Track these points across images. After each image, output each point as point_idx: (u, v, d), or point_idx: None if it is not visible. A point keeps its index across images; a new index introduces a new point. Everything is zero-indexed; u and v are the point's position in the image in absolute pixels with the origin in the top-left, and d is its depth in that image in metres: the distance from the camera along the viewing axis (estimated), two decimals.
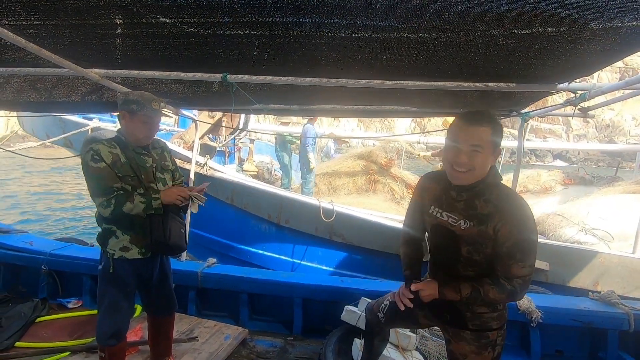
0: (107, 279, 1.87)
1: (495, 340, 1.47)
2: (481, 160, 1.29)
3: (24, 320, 2.82)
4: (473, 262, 1.39)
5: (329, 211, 3.96)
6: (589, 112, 2.49)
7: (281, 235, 4.25)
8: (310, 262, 4.24)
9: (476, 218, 1.33)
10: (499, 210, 1.30)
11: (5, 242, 3.39)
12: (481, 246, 1.34)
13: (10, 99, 2.53)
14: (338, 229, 4.02)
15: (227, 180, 4.28)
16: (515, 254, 1.29)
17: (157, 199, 1.77)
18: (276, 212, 4.16)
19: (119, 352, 1.96)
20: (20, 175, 12.82)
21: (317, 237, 4.11)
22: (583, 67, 1.61)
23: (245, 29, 1.44)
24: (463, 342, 1.48)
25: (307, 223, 4.08)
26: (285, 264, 4.29)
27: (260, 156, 8.42)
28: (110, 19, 1.41)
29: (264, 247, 4.36)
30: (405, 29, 1.36)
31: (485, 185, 1.34)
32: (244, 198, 4.24)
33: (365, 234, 3.99)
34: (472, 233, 1.34)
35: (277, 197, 4.21)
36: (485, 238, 1.32)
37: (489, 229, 1.30)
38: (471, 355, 1.47)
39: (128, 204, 1.71)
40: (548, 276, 3.64)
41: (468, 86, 1.92)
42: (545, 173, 6.42)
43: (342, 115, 4.60)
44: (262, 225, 4.29)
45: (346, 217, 4.00)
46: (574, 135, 30.00)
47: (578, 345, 2.81)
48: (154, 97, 1.81)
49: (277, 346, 2.79)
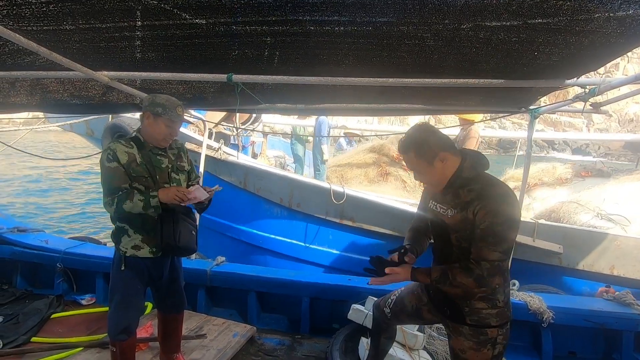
0: (119, 275, 1.92)
1: (495, 339, 1.46)
2: (425, 173, 1.46)
3: (40, 317, 2.91)
4: (464, 250, 1.43)
5: (339, 194, 3.98)
6: (602, 108, 2.42)
7: (292, 219, 4.27)
8: (320, 246, 4.25)
9: (459, 206, 1.42)
10: (480, 196, 1.38)
11: (23, 240, 3.50)
12: (466, 232, 1.40)
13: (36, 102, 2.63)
14: (348, 212, 4.03)
15: (240, 164, 4.31)
16: (487, 236, 1.33)
17: (155, 197, 1.77)
18: (288, 195, 4.18)
19: (129, 347, 2.01)
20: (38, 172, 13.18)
21: (328, 220, 4.13)
22: (589, 61, 1.57)
23: (246, 28, 1.46)
24: (461, 337, 1.50)
25: (318, 206, 4.10)
26: (296, 248, 4.30)
27: (273, 151, 8.50)
28: (115, 23, 1.45)
29: (276, 231, 4.36)
30: (404, 24, 1.36)
31: (462, 179, 1.44)
32: (257, 182, 4.26)
33: (375, 216, 3.99)
34: (457, 220, 1.42)
35: (288, 181, 4.23)
36: (466, 223, 1.39)
37: (469, 214, 1.38)
38: (469, 352, 1.48)
39: (128, 202, 1.75)
40: (562, 260, 3.56)
41: (472, 83, 1.89)
42: (560, 166, 6.24)
43: (347, 114, 4.60)
44: (274, 209, 4.31)
45: (356, 200, 4.00)
46: (595, 129, 28.93)
47: (591, 346, 2.74)
48: (179, 102, 1.83)
49: (285, 344, 2.80)
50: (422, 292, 1.72)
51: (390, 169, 5.80)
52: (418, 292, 1.75)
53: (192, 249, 2.02)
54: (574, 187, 5.27)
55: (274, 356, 2.65)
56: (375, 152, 6.13)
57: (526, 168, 2.96)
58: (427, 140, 1.42)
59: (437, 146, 1.42)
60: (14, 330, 2.71)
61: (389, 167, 5.82)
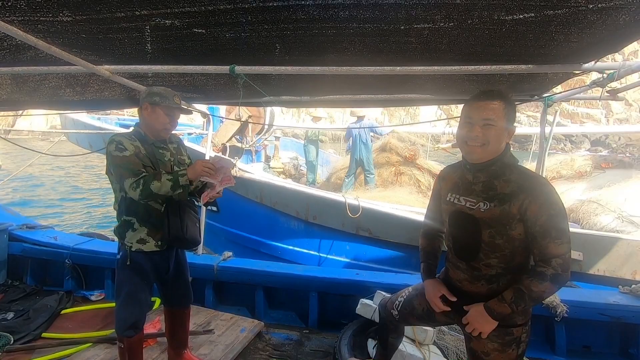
0: (125, 271, 1.91)
1: (519, 337, 1.39)
2: (494, 134, 1.29)
3: (50, 312, 2.94)
4: (495, 247, 1.33)
5: (354, 207, 4.02)
6: (618, 95, 2.32)
7: (309, 231, 4.36)
8: (337, 257, 4.31)
9: (497, 198, 1.31)
10: (524, 188, 1.27)
11: (32, 237, 3.53)
12: (504, 227, 1.30)
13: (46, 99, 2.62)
14: (364, 223, 4.06)
15: (256, 180, 4.46)
16: (550, 231, 1.23)
17: (184, 175, 1.74)
18: (304, 209, 4.27)
19: (137, 342, 2.00)
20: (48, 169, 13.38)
21: (344, 232, 4.18)
22: (610, 42, 1.48)
23: (247, 16, 1.40)
24: (485, 339, 1.40)
25: (334, 218, 4.16)
26: (313, 259, 4.38)
27: (286, 152, 8.53)
28: (112, 13, 1.41)
29: (294, 243, 4.47)
30: (413, 6, 1.28)
31: (502, 165, 1.33)
32: (273, 197, 4.41)
33: (391, 227, 4.01)
34: (494, 214, 1.30)
35: (304, 195, 4.34)
36: (509, 218, 1.28)
37: (513, 208, 1.27)
38: (494, 354, 1.39)
39: (155, 182, 1.70)
40: (582, 266, 3.48)
41: (483, 70, 1.81)
42: (579, 158, 6.08)
43: (355, 105, 4.55)
44: (291, 222, 4.43)
45: (372, 212, 4.04)
46: (615, 119, 27.86)
47: (607, 340, 2.67)
48: (175, 92, 1.87)
49: (293, 339, 2.78)
50: None
51: (404, 169, 5.74)
52: None
53: (197, 240, 2.03)
54: (593, 181, 5.13)
55: (282, 351, 2.63)
56: (386, 151, 6.08)
57: (540, 160, 2.85)
58: (514, 106, 1.33)
59: (514, 118, 1.34)
60: (25, 326, 2.74)
61: (403, 167, 5.77)
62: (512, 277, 1.36)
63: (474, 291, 1.43)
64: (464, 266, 1.44)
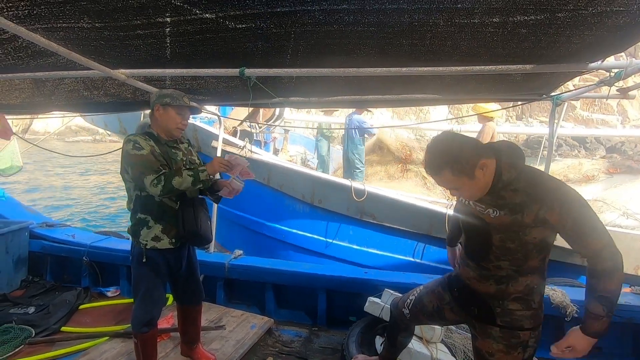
0: (140, 269, 1.97)
1: (527, 341, 1.37)
2: (467, 189, 1.28)
3: (69, 307, 3.06)
4: (506, 251, 1.32)
5: (360, 191, 4.03)
6: (629, 93, 2.30)
7: (314, 215, 4.37)
8: (341, 241, 4.32)
9: (507, 207, 1.27)
10: (535, 198, 1.22)
11: (52, 235, 3.68)
12: (516, 234, 1.27)
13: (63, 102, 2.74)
14: (369, 208, 4.07)
15: (264, 161, 4.45)
16: (583, 228, 1.20)
17: (204, 171, 1.86)
18: (310, 192, 4.28)
19: (151, 338, 2.08)
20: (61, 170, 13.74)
21: (349, 216, 4.19)
22: (613, 43, 1.49)
23: (256, 21, 1.46)
24: (490, 339, 1.40)
25: (339, 203, 4.18)
26: (317, 243, 4.39)
27: (294, 146, 8.57)
28: (129, 21, 1.48)
29: (298, 226, 4.48)
30: (416, 11, 1.32)
31: (504, 182, 1.27)
32: (280, 179, 4.40)
33: (396, 213, 4.02)
34: (504, 222, 1.28)
35: (310, 178, 4.34)
36: (522, 227, 1.25)
37: (526, 218, 1.23)
38: (498, 354, 1.39)
39: (177, 178, 1.79)
40: (584, 260, 3.46)
41: (488, 70, 1.83)
42: (587, 162, 6.02)
43: (362, 106, 4.59)
44: (296, 205, 4.43)
45: (377, 197, 4.04)
46: (631, 125, 27.02)
47: (618, 341, 2.63)
48: (184, 93, 1.98)
49: (302, 336, 2.83)
50: (444, 290, 1.64)
51: (410, 166, 5.73)
52: (439, 291, 1.66)
53: (210, 237, 2.10)
54: (601, 185, 5.09)
55: (291, 347, 2.68)
56: (382, 149, 6.06)
57: (548, 162, 2.84)
58: (462, 151, 1.22)
59: (474, 154, 1.22)
60: (45, 320, 2.86)
61: (409, 164, 5.76)
62: (523, 280, 1.35)
63: (483, 290, 1.43)
64: (473, 265, 1.45)
